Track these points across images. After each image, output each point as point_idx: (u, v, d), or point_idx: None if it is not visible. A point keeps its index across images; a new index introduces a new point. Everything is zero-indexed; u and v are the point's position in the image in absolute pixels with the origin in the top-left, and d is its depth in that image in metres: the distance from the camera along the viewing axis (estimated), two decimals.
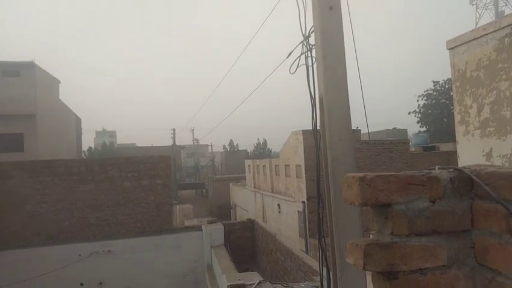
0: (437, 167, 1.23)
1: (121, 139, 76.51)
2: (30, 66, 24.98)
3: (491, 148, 7.60)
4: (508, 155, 7.27)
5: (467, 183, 1.10)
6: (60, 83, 30.15)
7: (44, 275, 9.47)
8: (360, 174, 1.10)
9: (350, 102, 3.64)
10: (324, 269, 3.04)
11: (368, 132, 4.46)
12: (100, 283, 10.20)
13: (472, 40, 8.51)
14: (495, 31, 7.98)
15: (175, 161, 37.13)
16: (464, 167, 1.17)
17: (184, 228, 11.70)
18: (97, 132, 76.79)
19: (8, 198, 10.22)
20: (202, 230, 10.87)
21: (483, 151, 7.71)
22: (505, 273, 0.98)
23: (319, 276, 3.13)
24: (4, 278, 9.48)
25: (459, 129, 8.95)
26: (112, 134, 77.35)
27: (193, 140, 56.77)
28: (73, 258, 9.97)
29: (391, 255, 1.03)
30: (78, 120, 34.37)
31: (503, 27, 7.81)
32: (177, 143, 46.65)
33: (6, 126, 23.58)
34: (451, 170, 1.15)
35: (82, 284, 10.07)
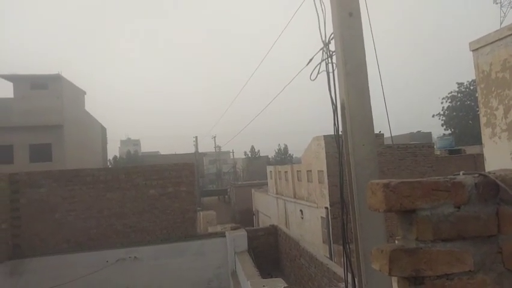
0: (461, 173, 1.24)
1: (145, 147, 77.97)
2: (57, 78, 25.80)
3: None
4: None
5: (493, 189, 1.10)
6: (85, 93, 30.99)
7: (72, 282, 9.70)
8: (385, 181, 1.12)
9: (373, 106, 3.63)
10: (349, 275, 3.03)
11: (391, 137, 4.43)
12: None
13: (497, 41, 8.32)
14: None
15: (198, 168, 37.48)
16: (489, 172, 1.17)
17: (208, 234, 11.78)
18: (122, 141, 78.41)
19: (38, 207, 10.54)
20: (225, 236, 10.94)
21: (511, 154, 7.50)
22: None
23: (344, 283, 3.12)
24: (34, 284, 9.76)
25: (485, 132, 8.74)
26: (136, 143, 78.79)
27: (215, 147, 57.19)
28: (100, 265, 10.18)
29: (416, 260, 1.04)
30: (103, 130, 35.19)
31: None
32: (199, 150, 47.09)
33: (35, 137, 24.39)
34: (476, 175, 1.15)
35: None
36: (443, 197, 1.09)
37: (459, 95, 45.77)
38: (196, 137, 45.81)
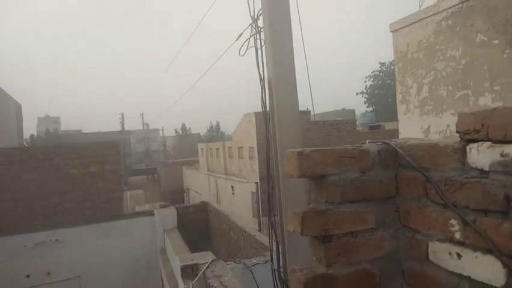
0: (367, 141, 1.35)
1: (66, 125, 72.84)
2: None
3: (429, 125, 8.10)
4: (444, 131, 7.79)
5: (393, 155, 1.22)
6: None
7: None
8: (299, 149, 1.19)
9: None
10: (274, 244, 3.18)
11: (313, 113, 4.62)
12: (48, 273, 9.86)
13: (414, 23, 8.91)
14: (434, 14, 8.41)
15: (124, 146, 36.10)
16: (391, 141, 1.29)
17: (136, 213, 11.51)
18: (40, 119, 72.59)
19: None
20: (154, 214, 10.77)
21: (422, 128, 8.21)
22: (422, 231, 1.11)
23: (269, 251, 3.26)
24: None
25: (400, 108, 9.44)
26: (56, 120, 73.35)
27: (143, 125, 55.36)
28: (17, 250, 9.54)
29: (325, 220, 1.13)
30: (18, 107, 32.30)
31: (441, 11, 8.25)
32: (126, 128, 45.29)
33: None
34: (379, 143, 1.26)
35: (28, 276, 9.67)
36: (350, 163, 1.18)
37: (381, 74, 48.66)
38: (122, 114, 43.96)
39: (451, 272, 1.01)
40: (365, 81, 49.73)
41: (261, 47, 3.81)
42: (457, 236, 0.98)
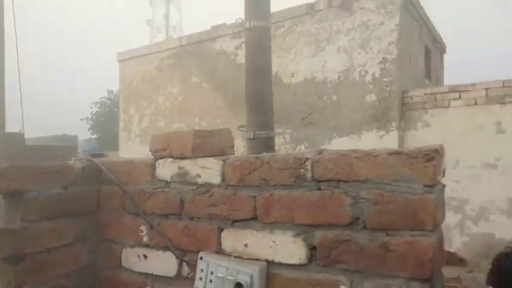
0: (73, 159, 1.38)
1: None
2: None
3: (148, 153, 8.63)
4: None
5: (97, 171, 1.29)
6: None
7: None
8: None
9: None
10: None
11: (23, 135, 4.21)
12: None
13: (140, 56, 9.48)
14: (158, 52, 9.23)
15: None
16: (95, 158, 1.37)
17: None
18: None
19: None
20: None
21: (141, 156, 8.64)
22: (117, 241, 1.22)
23: None
24: None
25: (122, 136, 9.70)
26: None
27: None
28: None
29: (18, 240, 1.07)
30: None
31: (164, 50, 9.15)
32: None
33: None
34: (84, 160, 1.32)
35: None
36: (52, 179, 1.18)
37: (108, 101, 48.22)
38: None
39: (139, 272, 1.15)
40: (92, 108, 48.27)
41: None
42: (145, 239, 1.14)
